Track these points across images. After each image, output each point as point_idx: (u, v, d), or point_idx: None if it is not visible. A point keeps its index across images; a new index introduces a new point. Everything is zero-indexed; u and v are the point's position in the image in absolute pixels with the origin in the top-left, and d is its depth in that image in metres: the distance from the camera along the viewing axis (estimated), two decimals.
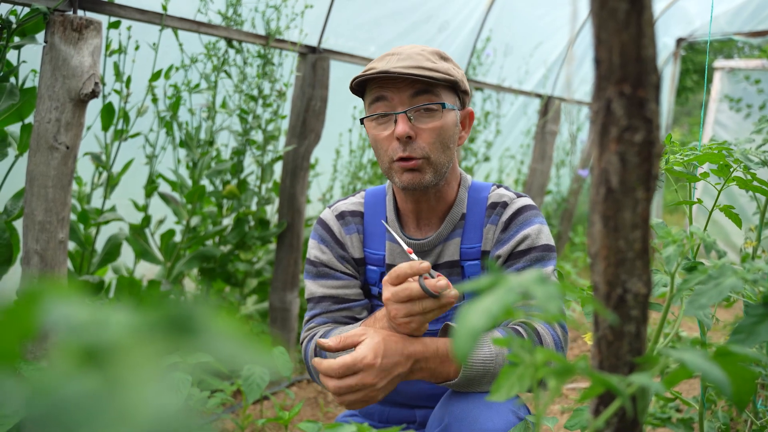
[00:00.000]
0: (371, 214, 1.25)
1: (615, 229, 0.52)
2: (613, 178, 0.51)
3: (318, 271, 1.21)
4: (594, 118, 0.52)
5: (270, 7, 2.10)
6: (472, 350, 0.36)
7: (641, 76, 0.49)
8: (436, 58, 1.12)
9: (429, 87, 1.08)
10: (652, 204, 0.53)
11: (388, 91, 1.08)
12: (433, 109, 1.08)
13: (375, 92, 1.10)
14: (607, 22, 0.48)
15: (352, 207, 1.25)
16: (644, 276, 0.53)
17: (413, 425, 1.29)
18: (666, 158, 1.11)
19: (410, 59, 1.08)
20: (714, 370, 0.49)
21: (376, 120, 1.11)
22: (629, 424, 0.58)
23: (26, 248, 1.65)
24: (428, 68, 1.07)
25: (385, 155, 1.11)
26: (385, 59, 1.10)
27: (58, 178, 1.63)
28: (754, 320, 0.64)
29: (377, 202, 1.26)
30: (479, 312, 0.37)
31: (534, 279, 0.39)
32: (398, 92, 1.08)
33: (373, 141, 1.14)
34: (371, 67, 1.09)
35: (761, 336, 0.63)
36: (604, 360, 0.56)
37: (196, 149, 2.08)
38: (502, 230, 1.17)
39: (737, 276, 0.68)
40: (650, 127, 0.50)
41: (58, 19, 1.57)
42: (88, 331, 0.16)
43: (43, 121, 1.60)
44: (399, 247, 1.20)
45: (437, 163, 1.10)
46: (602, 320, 0.55)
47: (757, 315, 0.64)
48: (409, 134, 1.06)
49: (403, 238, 1.21)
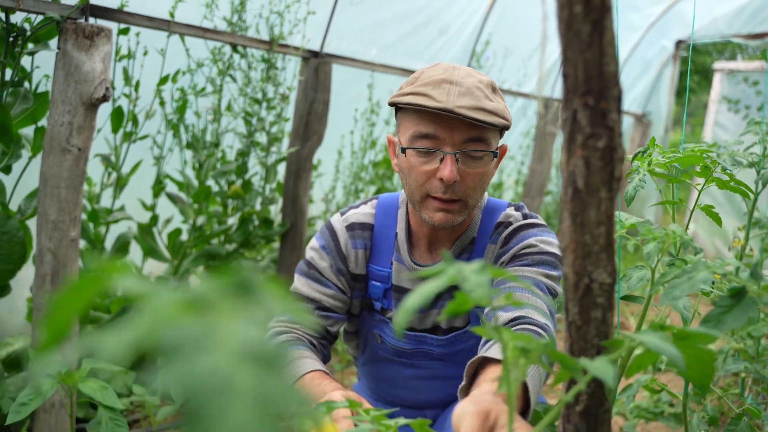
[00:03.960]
0: (381, 226, 1.21)
1: (582, 226, 0.58)
2: (579, 180, 0.57)
3: (310, 273, 1.19)
4: (562, 127, 0.58)
5: (273, 13, 2.17)
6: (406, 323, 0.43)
7: (603, 90, 0.55)
8: (490, 91, 1.06)
9: (483, 132, 1.04)
10: (615, 202, 0.59)
11: (441, 130, 1.02)
12: (483, 156, 1.05)
13: (425, 126, 1.03)
14: (573, 42, 0.54)
15: (363, 218, 1.21)
16: (609, 267, 0.60)
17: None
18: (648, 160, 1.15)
19: (470, 95, 1.00)
20: (670, 348, 0.55)
21: (420, 152, 1.04)
22: (598, 402, 0.64)
23: (40, 246, 1.71)
24: (488, 110, 1.01)
25: (419, 188, 1.05)
26: (442, 87, 1.01)
27: (70, 179, 1.70)
28: (722, 310, 0.70)
29: (389, 214, 1.22)
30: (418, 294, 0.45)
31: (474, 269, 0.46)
32: (451, 132, 1.02)
33: (408, 168, 1.07)
34: (425, 93, 1.01)
35: (727, 324, 0.69)
36: (573, 343, 0.62)
37: (202, 151, 2.15)
38: (501, 246, 1.14)
39: (708, 270, 0.74)
40: (612, 135, 0.56)
41: (71, 26, 1.63)
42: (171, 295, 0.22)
43: (56, 125, 1.67)
44: (405, 268, 1.18)
45: (472, 205, 1.07)
46: (571, 307, 0.61)
47: (725, 306, 0.70)
48: (456, 179, 1.02)
49: (411, 265, 1.17)
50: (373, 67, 2.68)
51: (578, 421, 0.65)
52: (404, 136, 1.07)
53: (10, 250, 1.74)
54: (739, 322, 0.62)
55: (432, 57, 3.16)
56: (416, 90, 1.02)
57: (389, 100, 1.09)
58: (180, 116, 2.11)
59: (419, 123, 1.03)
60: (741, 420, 1.24)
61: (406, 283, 1.19)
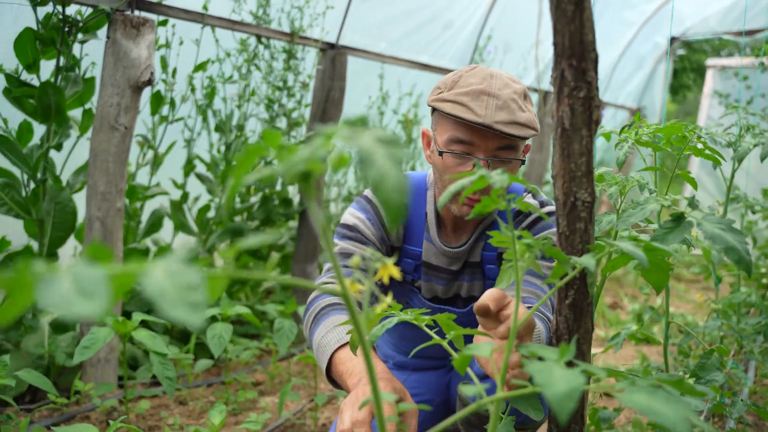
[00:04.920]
0: (413, 205, 1.30)
1: (568, 156, 0.78)
2: (566, 121, 0.77)
3: (353, 236, 1.26)
4: (553, 83, 0.77)
5: (294, 8, 2.37)
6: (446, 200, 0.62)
7: (583, 54, 0.75)
8: (523, 101, 1.14)
9: (514, 141, 1.14)
10: (593, 139, 0.79)
11: (476, 138, 1.12)
12: (512, 161, 1.16)
13: (462, 133, 1.13)
14: (561, 18, 0.74)
15: None
16: (589, 189, 0.79)
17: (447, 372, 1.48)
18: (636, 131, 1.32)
19: (506, 108, 1.10)
20: (639, 252, 0.74)
21: (455, 155, 1.14)
22: (582, 297, 0.84)
23: (89, 215, 1.91)
24: (521, 123, 1.11)
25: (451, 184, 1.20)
26: (480, 99, 1.10)
27: (117, 154, 1.90)
28: (666, 231, 0.88)
29: (419, 193, 1.32)
30: (455, 185, 0.64)
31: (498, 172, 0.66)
32: (486, 141, 1.12)
33: (443, 167, 1.17)
34: (464, 104, 1.10)
35: (670, 241, 0.86)
36: (563, 250, 0.82)
37: (229, 134, 2.35)
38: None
39: (657, 203, 0.94)
40: (590, 87, 0.76)
41: (120, 18, 1.83)
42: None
43: (105, 105, 1.86)
44: (434, 246, 1.29)
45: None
46: (561, 221, 0.81)
47: (668, 227, 0.89)
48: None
49: (440, 245, 1.28)
50: (383, 59, 2.88)
51: (567, 312, 0.85)
52: (441, 137, 1.18)
53: (63, 218, 1.93)
54: (677, 239, 0.82)
55: (436, 51, 3.36)
56: (456, 99, 1.12)
57: (429, 102, 1.19)
58: (209, 102, 2.30)
59: (456, 129, 1.14)
60: (712, 354, 1.43)
61: (434, 260, 1.31)
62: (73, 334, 2.02)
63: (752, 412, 1.90)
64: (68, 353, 1.95)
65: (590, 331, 0.86)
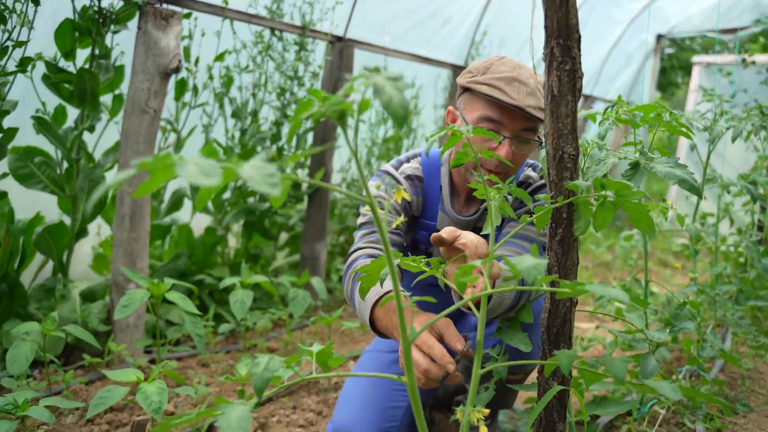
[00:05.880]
0: (429, 180, 1.42)
1: (557, 117, 0.97)
2: (555, 89, 0.95)
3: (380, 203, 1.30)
4: (544, 59, 0.96)
5: (306, 2, 2.55)
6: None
7: (569, 34, 0.93)
8: (541, 91, 1.26)
9: (536, 124, 1.27)
10: (577, 104, 0.97)
11: (506, 118, 1.25)
12: (531, 142, 1.29)
13: (493, 113, 1.25)
14: (551, 5, 0.92)
15: (414, 171, 1.43)
16: (573, 144, 0.98)
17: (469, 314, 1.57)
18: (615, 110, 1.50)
19: (534, 95, 1.24)
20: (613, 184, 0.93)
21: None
22: (569, 234, 1.02)
23: (120, 191, 2.08)
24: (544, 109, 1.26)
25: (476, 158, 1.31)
26: (513, 85, 1.23)
27: (146, 135, 2.07)
28: (627, 177, 1.07)
29: (432, 171, 1.43)
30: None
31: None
32: (513, 121, 1.25)
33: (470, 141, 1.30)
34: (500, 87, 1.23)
35: (634, 183, 1.04)
36: (553, 194, 1.00)
37: (245, 120, 2.52)
38: (520, 203, 1.38)
39: (615, 156, 1.12)
40: (574, 62, 0.94)
41: (150, 9, 2.00)
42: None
43: (137, 90, 2.03)
44: (447, 216, 1.40)
45: (511, 176, 1.20)
46: (551, 171, 0.99)
47: (628, 174, 1.07)
48: (508, 158, 1.24)
49: (454, 215, 1.40)
50: (387, 52, 3.07)
51: (557, 247, 1.03)
52: (471, 114, 1.29)
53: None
54: (638, 183, 1.01)
55: (436, 45, 3.55)
56: (491, 82, 1.25)
57: (463, 83, 1.30)
58: (226, 90, 2.47)
59: (488, 108, 1.26)
60: (685, 306, 1.62)
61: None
62: (103, 302, 2.19)
63: (725, 369, 2.10)
64: (101, 318, 2.12)
65: (576, 264, 1.05)
